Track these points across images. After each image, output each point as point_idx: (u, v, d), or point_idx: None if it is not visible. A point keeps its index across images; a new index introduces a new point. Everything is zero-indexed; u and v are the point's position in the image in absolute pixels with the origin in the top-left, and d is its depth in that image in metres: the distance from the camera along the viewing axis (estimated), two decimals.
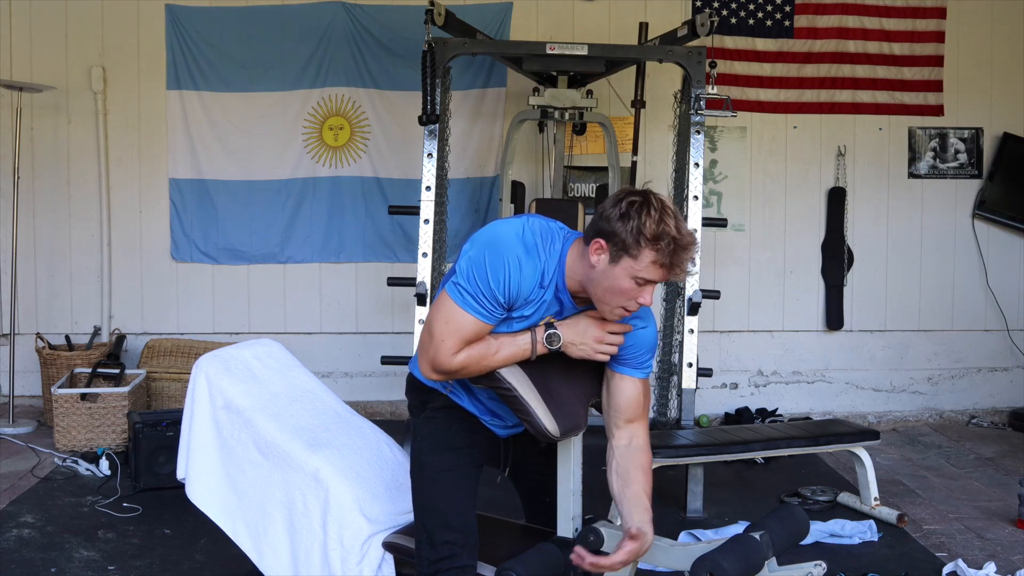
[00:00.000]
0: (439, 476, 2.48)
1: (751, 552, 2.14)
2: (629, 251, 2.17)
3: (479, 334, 2.28)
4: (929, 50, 6.05)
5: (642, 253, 2.17)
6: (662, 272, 2.20)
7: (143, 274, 6.01)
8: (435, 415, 2.51)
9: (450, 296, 2.28)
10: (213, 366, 3.04)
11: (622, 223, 2.17)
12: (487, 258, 2.24)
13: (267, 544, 2.93)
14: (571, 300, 2.33)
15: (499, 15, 5.90)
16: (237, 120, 5.90)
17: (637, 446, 2.40)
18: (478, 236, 2.31)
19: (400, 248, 5.95)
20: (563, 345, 2.32)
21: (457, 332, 2.27)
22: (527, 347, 2.31)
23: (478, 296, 2.25)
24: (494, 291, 2.24)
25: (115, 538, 3.91)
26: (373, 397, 5.98)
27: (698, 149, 4.70)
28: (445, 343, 2.27)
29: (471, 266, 2.26)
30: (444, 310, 2.29)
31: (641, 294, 2.23)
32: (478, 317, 2.26)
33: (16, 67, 5.85)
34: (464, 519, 2.49)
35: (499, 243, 2.26)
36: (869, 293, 6.16)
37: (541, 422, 2.32)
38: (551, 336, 2.31)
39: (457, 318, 2.27)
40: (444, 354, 2.28)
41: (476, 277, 2.24)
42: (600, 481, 2.50)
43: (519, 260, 2.24)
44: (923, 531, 4.13)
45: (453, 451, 2.50)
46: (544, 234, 2.30)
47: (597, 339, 2.32)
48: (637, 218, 2.16)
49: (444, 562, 2.45)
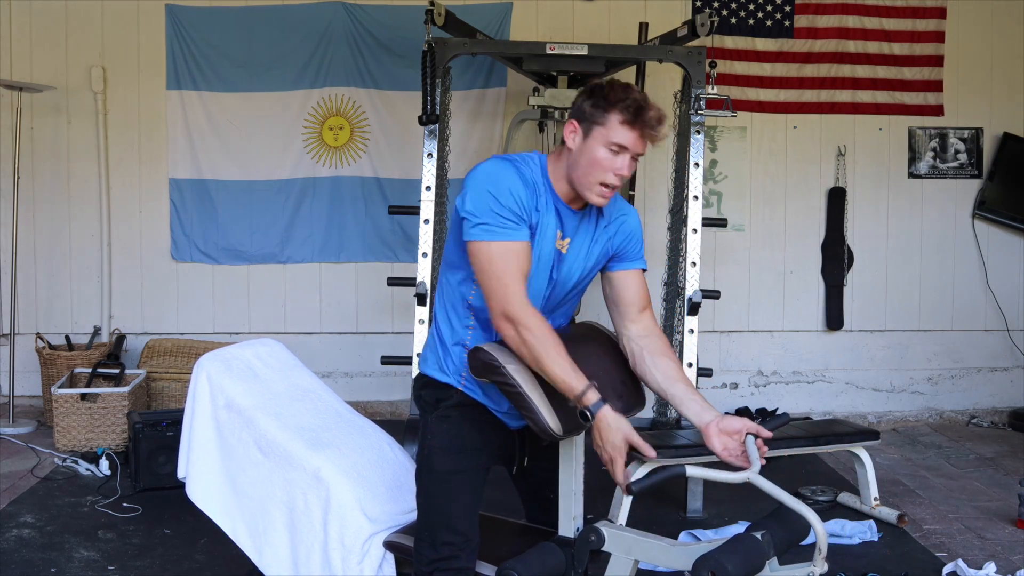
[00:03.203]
0: (448, 477, 2.48)
1: (753, 552, 2.14)
2: (596, 120, 2.32)
3: (525, 252, 2.33)
4: (929, 50, 6.06)
5: (608, 117, 2.31)
6: (632, 134, 2.31)
7: (143, 274, 6.01)
8: (448, 414, 2.49)
9: (479, 240, 2.31)
10: (214, 365, 3.04)
11: (589, 101, 2.35)
12: (487, 185, 2.32)
13: (267, 543, 2.93)
14: (565, 205, 2.42)
15: (499, 15, 5.90)
16: (237, 120, 5.90)
17: (656, 332, 2.53)
18: (468, 179, 2.36)
19: (400, 248, 5.95)
20: (593, 425, 2.29)
21: (507, 265, 2.30)
22: (572, 391, 2.29)
23: (500, 219, 2.30)
24: (509, 206, 2.30)
25: (115, 538, 3.91)
26: (373, 397, 5.98)
27: (698, 149, 4.70)
28: (504, 282, 2.30)
29: (478, 200, 2.31)
30: (482, 256, 2.31)
31: (616, 163, 2.33)
32: (513, 238, 2.31)
33: (16, 67, 5.85)
34: (468, 522, 2.49)
35: (489, 169, 2.35)
36: (869, 293, 6.16)
37: (544, 419, 2.32)
38: (585, 412, 2.29)
39: (498, 251, 2.30)
40: (512, 295, 2.29)
41: (488, 204, 2.30)
42: (601, 481, 2.50)
43: (511, 172, 2.34)
44: (923, 531, 4.13)
45: (464, 453, 2.49)
46: (519, 156, 2.42)
47: (617, 452, 2.29)
48: (599, 92, 2.34)
49: (443, 562, 2.46)
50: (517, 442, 2.59)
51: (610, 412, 2.28)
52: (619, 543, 2.36)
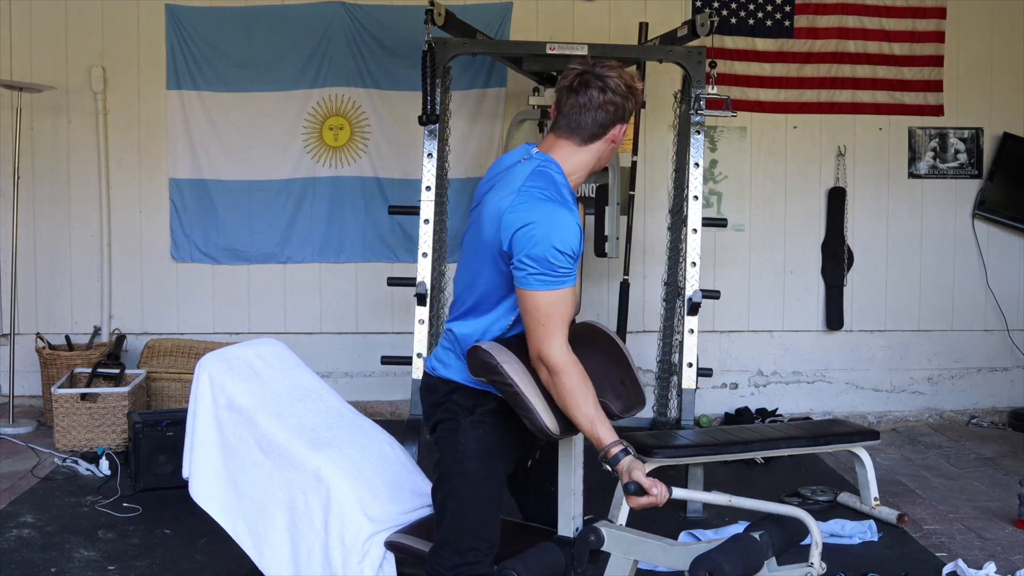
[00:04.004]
0: (481, 484, 2.48)
1: (751, 552, 2.14)
2: (630, 112, 2.49)
3: (572, 296, 2.39)
4: (929, 50, 6.05)
5: (636, 104, 2.49)
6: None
7: (143, 274, 6.01)
8: (484, 419, 2.48)
9: (533, 290, 2.33)
10: (216, 365, 3.05)
11: (629, 101, 2.45)
12: (552, 240, 2.31)
13: (268, 543, 2.93)
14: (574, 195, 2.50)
15: (499, 15, 5.90)
16: (237, 120, 5.90)
17: None
18: (528, 223, 2.33)
19: (400, 248, 5.95)
20: (617, 468, 2.32)
21: (554, 312, 2.33)
22: (599, 444, 2.31)
23: (556, 268, 2.32)
24: (567, 256, 2.34)
25: (115, 538, 3.92)
26: (373, 397, 5.98)
27: (698, 149, 4.70)
28: (547, 328, 2.33)
29: (539, 253, 2.31)
30: (530, 302, 2.34)
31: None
32: (565, 286, 2.35)
33: (16, 67, 5.85)
34: (495, 529, 2.50)
35: (553, 222, 2.33)
36: (869, 293, 6.16)
37: (541, 419, 2.32)
38: (612, 460, 2.31)
39: (547, 300, 2.33)
40: (553, 342, 2.33)
41: (548, 257, 2.31)
42: (601, 481, 2.50)
43: (572, 222, 2.36)
44: (923, 531, 4.13)
45: (496, 459, 2.50)
46: (551, 182, 2.41)
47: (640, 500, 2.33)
48: (628, 90, 2.45)
49: (467, 568, 2.45)
50: (536, 442, 2.59)
51: (627, 462, 2.30)
52: (618, 543, 2.36)
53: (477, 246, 2.47)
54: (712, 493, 2.35)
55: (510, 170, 2.48)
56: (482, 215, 2.46)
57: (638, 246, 5.79)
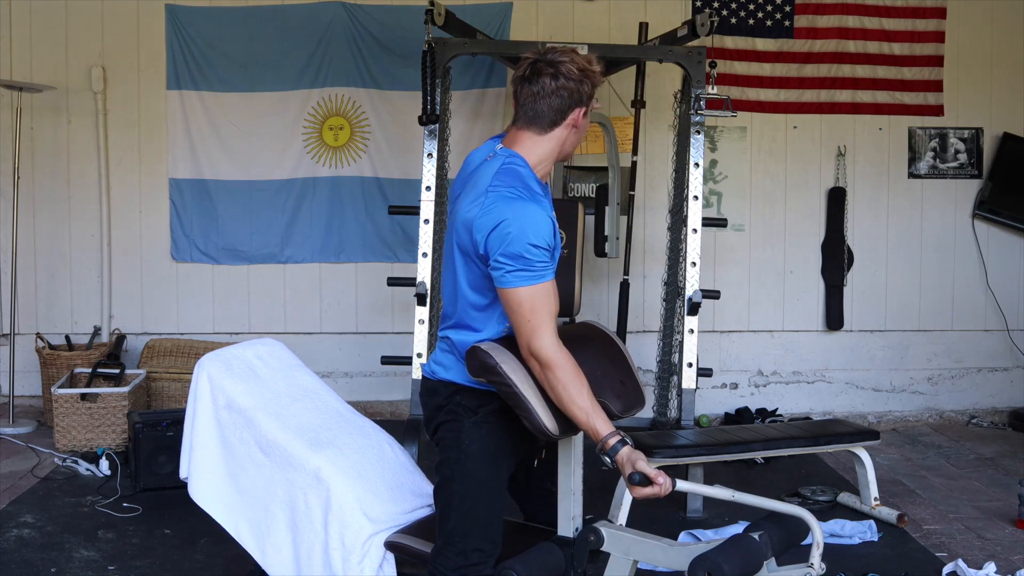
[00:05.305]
0: (486, 485, 2.47)
1: (750, 552, 2.14)
2: (590, 96, 2.47)
3: (553, 289, 2.37)
4: (929, 50, 6.05)
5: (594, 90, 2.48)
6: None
7: (143, 274, 6.01)
8: (487, 419, 2.48)
9: (511, 287, 2.32)
10: (215, 366, 3.05)
11: (585, 84, 2.44)
12: (526, 236, 2.31)
13: (270, 543, 2.93)
14: (546, 186, 2.52)
15: (499, 15, 5.90)
16: (237, 120, 5.89)
17: None
18: (497, 224, 2.33)
19: (400, 248, 5.95)
20: (616, 459, 2.31)
21: (537, 306, 2.32)
22: (595, 435, 2.31)
23: (531, 263, 2.31)
24: (541, 249, 2.33)
25: (115, 538, 3.92)
26: (373, 397, 5.98)
27: (698, 149, 4.70)
28: (533, 323, 2.32)
29: (512, 250, 2.30)
30: (513, 299, 2.33)
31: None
32: (543, 280, 2.34)
33: (16, 67, 5.85)
34: (499, 530, 2.49)
35: (522, 218, 2.32)
36: (869, 293, 6.16)
37: (540, 419, 2.32)
38: (605, 457, 2.31)
39: (527, 295, 2.32)
40: (541, 335, 2.31)
41: (522, 253, 2.30)
42: (601, 481, 2.50)
43: (542, 216, 2.35)
44: (923, 531, 4.13)
45: (500, 460, 2.49)
46: (517, 175, 2.41)
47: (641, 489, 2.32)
48: (583, 74, 2.43)
49: (471, 569, 2.44)
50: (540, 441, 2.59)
51: (626, 452, 2.29)
52: (618, 543, 2.36)
53: (453, 253, 2.48)
54: (715, 487, 2.34)
55: (477, 171, 2.49)
56: (456, 221, 2.47)
57: (638, 246, 5.79)
